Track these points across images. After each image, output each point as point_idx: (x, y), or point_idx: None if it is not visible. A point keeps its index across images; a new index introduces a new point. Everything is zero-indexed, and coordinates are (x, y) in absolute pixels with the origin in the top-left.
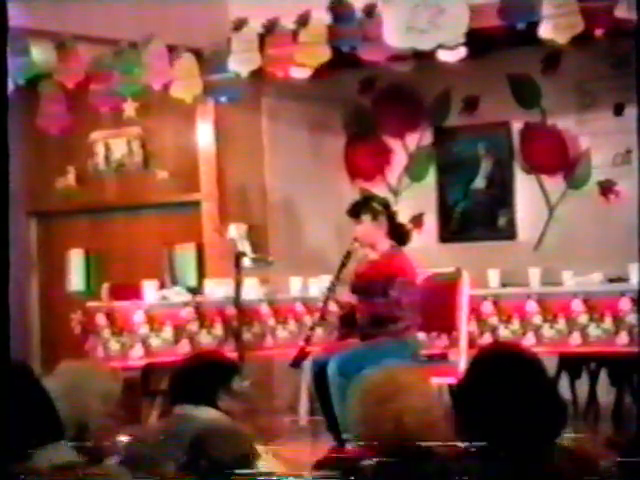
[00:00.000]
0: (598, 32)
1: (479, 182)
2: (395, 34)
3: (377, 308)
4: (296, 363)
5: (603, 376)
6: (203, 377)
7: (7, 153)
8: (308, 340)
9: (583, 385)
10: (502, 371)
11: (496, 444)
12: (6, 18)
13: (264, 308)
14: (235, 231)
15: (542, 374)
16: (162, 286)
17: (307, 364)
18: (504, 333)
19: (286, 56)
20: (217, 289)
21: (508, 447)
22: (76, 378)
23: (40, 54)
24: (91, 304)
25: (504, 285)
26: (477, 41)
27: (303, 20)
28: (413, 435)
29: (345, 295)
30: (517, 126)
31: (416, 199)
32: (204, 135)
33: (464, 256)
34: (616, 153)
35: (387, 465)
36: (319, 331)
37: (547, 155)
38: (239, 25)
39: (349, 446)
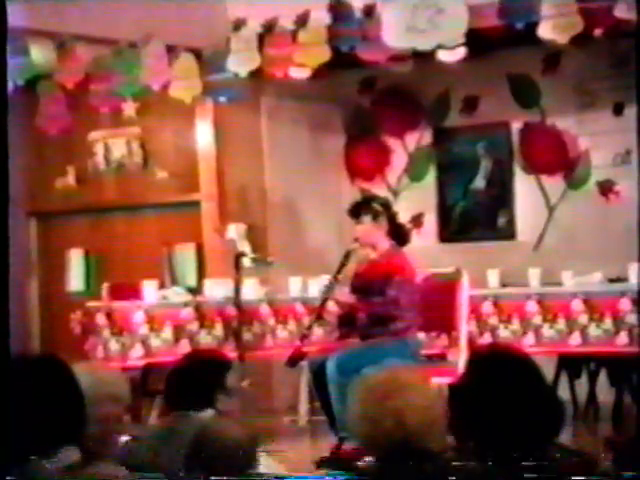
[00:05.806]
0: (598, 32)
1: (479, 182)
2: (394, 34)
3: (375, 307)
4: (291, 362)
5: (603, 376)
6: (197, 377)
7: (7, 153)
8: (303, 339)
9: (583, 385)
10: (495, 372)
11: (492, 444)
12: (6, 18)
13: (264, 308)
14: (235, 231)
15: (536, 374)
16: (162, 286)
17: (306, 364)
18: (504, 333)
19: (285, 56)
20: (217, 289)
21: (505, 447)
22: (88, 380)
23: (40, 54)
24: (91, 304)
25: (504, 285)
26: (477, 41)
27: (302, 20)
28: (413, 434)
29: (345, 295)
30: (517, 126)
31: (416, 199)
32: (203, 135)
33: (464, 256)
34: (616, 153)
35: (387, 464)
36: (319, 331)
37: (547, 155)
38: (238, 25)
39: (347, 445)
